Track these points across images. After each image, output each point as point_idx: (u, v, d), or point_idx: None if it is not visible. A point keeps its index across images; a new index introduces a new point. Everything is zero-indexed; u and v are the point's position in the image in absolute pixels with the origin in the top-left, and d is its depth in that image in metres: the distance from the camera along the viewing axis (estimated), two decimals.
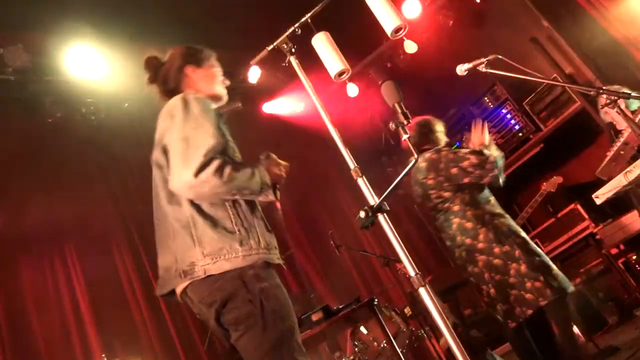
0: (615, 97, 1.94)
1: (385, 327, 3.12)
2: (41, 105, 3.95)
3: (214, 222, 1.73)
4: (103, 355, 3.14)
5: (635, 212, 3.86)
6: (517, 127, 5.65)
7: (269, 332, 1.66)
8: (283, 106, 5.90)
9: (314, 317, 3.01)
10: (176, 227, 1.75)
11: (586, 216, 4.69)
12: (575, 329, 3.34)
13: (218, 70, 2.08)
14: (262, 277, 1.71)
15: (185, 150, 1.67)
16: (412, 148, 1.55)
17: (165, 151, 1.77)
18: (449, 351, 2.29)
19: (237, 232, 1.72)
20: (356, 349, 3.53)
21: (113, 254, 4.44)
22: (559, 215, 4.89)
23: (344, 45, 2.07)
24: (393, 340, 3.12)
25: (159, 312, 4.41)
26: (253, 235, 1.76)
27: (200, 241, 1.70)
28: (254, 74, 5.25)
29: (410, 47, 5.37)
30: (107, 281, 4.28)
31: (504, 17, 5.49)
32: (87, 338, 3.97)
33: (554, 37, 5.08)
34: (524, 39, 5.23)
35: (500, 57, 2.52)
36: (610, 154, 3.08)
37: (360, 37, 4.88)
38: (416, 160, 1.54)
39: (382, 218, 1.65)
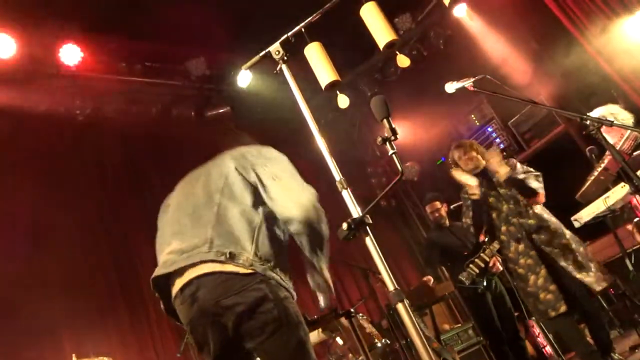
0: (598, 125, 1.98)
1: (362, 339, 3.11)
2: None
3: (271, 238, 1.87)
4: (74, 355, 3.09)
5: (610, 236, 3.92)
6: (501, 145, 5.73)
7: (293, 336, 1.75)
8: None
9: None
10: (234, 219, 1.83)
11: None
12: None
13: None
14: (281, 287, 1.81)
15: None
16: (397, 164, 1.55)
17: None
18: None
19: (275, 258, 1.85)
20: (330, 359, 3.52)
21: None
22: None
23: (336, 53, 2.09)
24: (368, 353, 3.12)
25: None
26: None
27: (256, 243, 1.82)
28: (244, 79, 5.24)
29: (403, 61, 5.40)
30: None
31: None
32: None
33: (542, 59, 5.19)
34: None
35: (488, 77, 2.57)
36: (590, 179, 3.13)
37: (352, 47, 4.91)
38: (401, 176, 1.54)
39: (365, 231, 1.66)
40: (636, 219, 3.45)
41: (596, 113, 3.00)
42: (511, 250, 3.26)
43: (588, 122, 1.96)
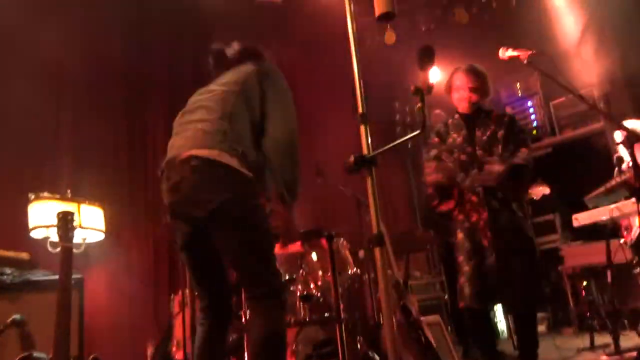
0: (632, 138, 1.92)
1: (334, 261, 3.23)
2: None
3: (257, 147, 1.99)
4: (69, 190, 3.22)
5: (599, 244, 3.93)
6: (534, 124, 5.58)
7: (263, 238, 1.91)
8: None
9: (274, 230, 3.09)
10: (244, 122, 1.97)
11: (559, 231, 4.78)
12: None
13: None
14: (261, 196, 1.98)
15: None
16: (422, 118, 1.53)
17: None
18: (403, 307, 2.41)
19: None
20: (301, 270, 3.67)
21: None
22: (535, 219, 4.97)
23: None
24: (337, 275, 3.25)
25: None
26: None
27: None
28: None
29: (462, 17, 5.18)
30: None
31: None
32: None
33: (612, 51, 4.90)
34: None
35: (546, 54, 2.46)
36: (606, 187, 3.09)
37: None
38: (421, 132, 1.52)
39: (368, 171, 1.67)
40: None
41: (630, 124, 2.89)
42: None
43: (621, 130, 1.90)
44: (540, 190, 4.32)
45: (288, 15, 5.41)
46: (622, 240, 3.30)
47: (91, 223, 3.28)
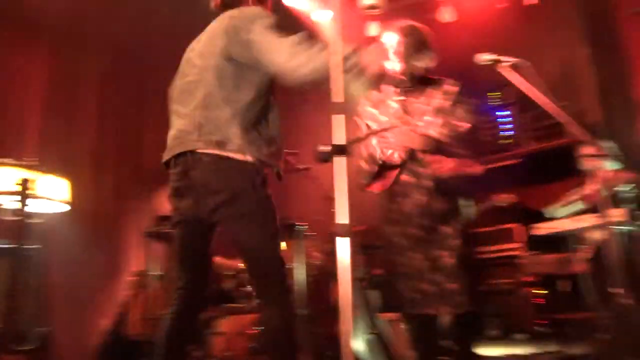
0: (597, 155, 1.98)
1: (301, 251, 3.24)
2: None
3: (257, 120, 1.91)
4: None
5: (561, 256, 4.05)
6: (509, 133, 5.67)
7: (267, 228, 1.88)
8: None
9: None
10: (219, 102, 1.87)
11: (520, 239, 4.89)
12: None
13: None
14: (265, 184, 1.91)
15: None
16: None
17: None
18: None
19: (264, 135, 1.92)
20: None
21: None
22: (498, 226, 5.07)
23: None
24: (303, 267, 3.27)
25: None
26: (270, 143, 1.93)
27: (244, 127, 1.86)
28: None
29: (445, 15, 5.16)
30: None
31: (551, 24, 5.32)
32: None
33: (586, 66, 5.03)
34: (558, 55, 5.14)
35: (529, 64, 2.48)
36: (567, 199, 3.18)
37: None
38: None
39: (338, 160, 1.67)
40: None
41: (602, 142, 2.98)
42: None
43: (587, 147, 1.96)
44: (508, 198, 4.44)
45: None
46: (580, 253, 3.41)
47: (55, 194, 3.20)
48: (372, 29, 5.47)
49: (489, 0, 5.42)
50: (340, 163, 1.66)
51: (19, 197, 2.21)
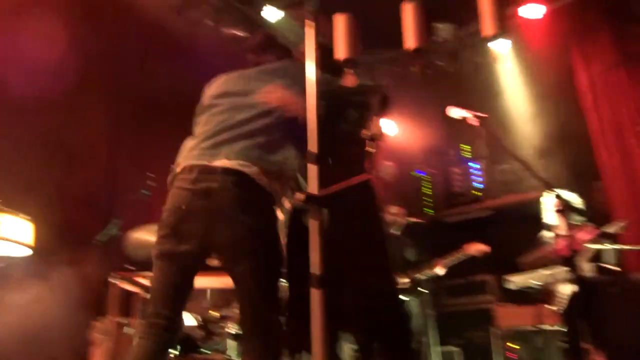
0: (561, 208, 2.03)
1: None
2: None
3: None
4: None
5: (534, 307, 4.06)
6: (479, 185, 5.80)
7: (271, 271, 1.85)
8: None
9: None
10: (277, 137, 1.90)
11: (492, 291, 4.91)
12: None
13: None
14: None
15: None
16: (371, 164, 1.56)
17: None
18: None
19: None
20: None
21: None
22: (470, 278, 5.09)
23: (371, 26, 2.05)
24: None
25: None
26: None
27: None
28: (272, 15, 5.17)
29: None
30: None
31: None
32: None
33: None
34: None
35: (490, 118, 2.57)
36: (539, 252, 3.22)
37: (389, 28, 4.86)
38: (367, 179, 1.55)
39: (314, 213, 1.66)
40: None
41: (564, 194, 3.06)
42: None
43: (556, 200, 2.01)
44: (480, 248, 4.47)
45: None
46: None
47: (17, 236, 3.08)
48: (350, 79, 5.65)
49: None
50: (317, 214, 1.65)
51: None
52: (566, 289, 3.22)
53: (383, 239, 2.20)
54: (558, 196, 2.17)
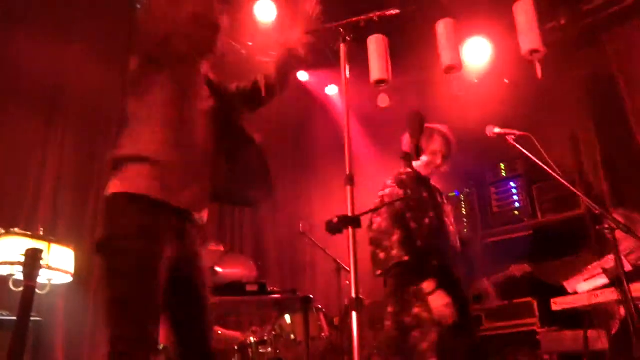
0: (614, 227, 1.94)
1: (309, 326, 3.13)
2: None
3: None
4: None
5: (580, 331, 3.89)
6: (517, 204, 5.65)
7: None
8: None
9: (249, 287, 3.02)
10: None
11: (537, 314, 4.72)
12: None
13: None
14: None
15: None
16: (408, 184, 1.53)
17: None
18: None
19: None
20: (273, 332, 3.54)
21: None
22: (514, 301, 4.91)
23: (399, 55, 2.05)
24: (309, 341, 3.14)
25: None
26: None
27: None
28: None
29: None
30: None
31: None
32: None
33: (591, 140, 5.10)
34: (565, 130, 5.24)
35: (531, 136, 2.53)
36: (586, 273, 3.09)
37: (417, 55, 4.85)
38: (404, 198, 1.53)
39: (350, 232, 1.65)
40: None
41: (618, 214, 2.94)
42: None
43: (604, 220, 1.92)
44: (523, 268, 4.30)
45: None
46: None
47: (60, 264, 3.16)
48: (382, 99, 5.67)
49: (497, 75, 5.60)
50: (352, 235, 1.64)
51: (27, 267, 2.17)
52: (618, 310, 3.07)
53: None
54: (609, 213, 2.08)
